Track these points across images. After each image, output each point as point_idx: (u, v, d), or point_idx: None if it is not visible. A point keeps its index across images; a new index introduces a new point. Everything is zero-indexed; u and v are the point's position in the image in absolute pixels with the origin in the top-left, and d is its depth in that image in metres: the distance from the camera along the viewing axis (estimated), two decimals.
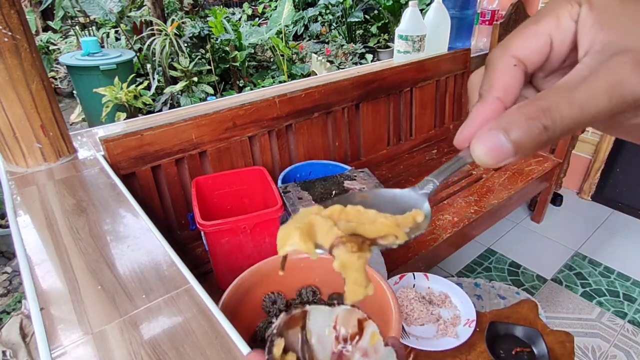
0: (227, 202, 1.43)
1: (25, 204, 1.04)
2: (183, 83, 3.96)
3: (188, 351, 0.66)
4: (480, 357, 1.04)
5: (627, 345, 1.73)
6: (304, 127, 1.71)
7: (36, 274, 0.81)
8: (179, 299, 0.75)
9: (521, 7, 2.26)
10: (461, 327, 1.08)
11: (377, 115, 1.96)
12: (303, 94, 1.63)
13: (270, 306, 1.02)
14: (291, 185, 1.34)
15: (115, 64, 3.90)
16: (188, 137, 1.41)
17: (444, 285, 1.21)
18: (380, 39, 5.41)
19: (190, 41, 4.25)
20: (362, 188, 1.31)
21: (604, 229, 2.43)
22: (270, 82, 4.59)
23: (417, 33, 1.98)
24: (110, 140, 1.26)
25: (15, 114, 1.13)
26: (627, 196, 2.53)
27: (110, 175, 1.17)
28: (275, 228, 1.23)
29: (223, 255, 1.22)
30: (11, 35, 1.07)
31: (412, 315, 1.12)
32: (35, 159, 1.21)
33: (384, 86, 1.90)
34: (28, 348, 1.64)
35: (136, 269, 0.82)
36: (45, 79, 1.18)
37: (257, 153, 1.62)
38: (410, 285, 1.22)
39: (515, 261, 2.19)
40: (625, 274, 2.10)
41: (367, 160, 2.00)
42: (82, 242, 0.90)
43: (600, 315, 1.87)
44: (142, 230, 0.94)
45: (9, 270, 2.35)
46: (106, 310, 0.73)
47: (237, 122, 1.49)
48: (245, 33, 4.73)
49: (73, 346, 0.67)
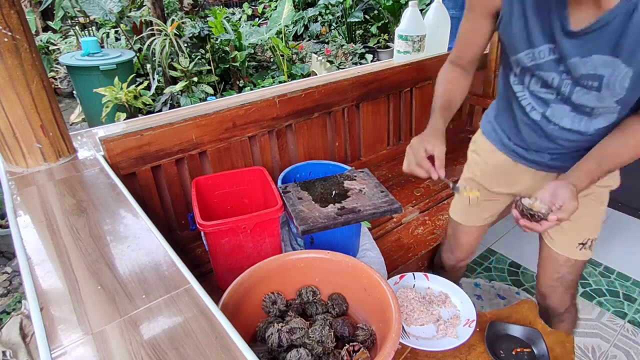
0: (227, 202, 1.43)
1: (25, 204, 1.04)
2: (183, 83, 3.96)
3: (188, 351, 0.66)
4: (480, 357, 1.04)
5: (627, 345, 1.73)
6: (304, 127, 1.71)
7: (36, 274, 0.81)
8: (179, 299, 0.75)
9: None
10: (461, 327, 1.08)
11: (377, 115, 1.96)
12: (303, 94, 1.63)
13: (270, 306, 1.02)
14: (291, 185, 1.34)
15: (115, 64, 3.90)
16: (188, 137, 1.41)
17: (444, 285, 1.21)
18: (380, 39, 5.41)
19: (190, 41, 4.25)
20: (362, 188, 1.31)
21: (604, 229, 2.42)
22: (270, 82, 4.59)
23: (417, 33, 1.98)
24: (110, 140, 1.26)
25: (15, 114, 1.13)
26: (627, 196, 2.53)
27: (110, 176, 1.17)
28: (275, 228, 1.23)
29: (223, 255, 1.22)
30: (11, 35, 1.07)
31: (412, 315, 1.11)
32: (35, 159, 1.21)
33: (384, 86, 1.90)
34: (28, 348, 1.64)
35: (136, 269, 0.82)
36: (45, 79, 1.18)
37: (257, 153, 1.62)
38: (410, 285, 1.22)
39: (515, 261, 2.19)
40: (625, 274, 2.10)
41: (367, 160, 2.00)
42: (82, 242, 0.90)
43: (600, 315, 1.87)
44: (142, 231, 0.94)
45: (9, 270, 2.35)
46: (106, 310, 0.73)
47: (237, 122, 1.49)
48: (245, 33, 4.72)
49: (73, 346, 0.67)
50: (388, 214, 1.22)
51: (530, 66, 0.92)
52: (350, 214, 1.19)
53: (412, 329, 1.09)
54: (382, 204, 1.23)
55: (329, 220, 1.15)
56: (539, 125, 0.99)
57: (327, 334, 0.91)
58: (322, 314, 1.01)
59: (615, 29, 0.76)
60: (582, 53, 0.82)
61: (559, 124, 0.96)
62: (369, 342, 0.95)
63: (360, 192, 1.29)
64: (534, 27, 0.86)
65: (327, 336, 0.91)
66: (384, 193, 1.28)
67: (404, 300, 1.15)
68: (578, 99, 0.90)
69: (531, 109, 0.99)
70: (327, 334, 0.91)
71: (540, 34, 0.85)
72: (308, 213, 1.18)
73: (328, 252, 1.04)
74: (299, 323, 0.93)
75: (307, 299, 1.04)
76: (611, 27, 0.76)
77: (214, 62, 4.36)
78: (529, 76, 0.95)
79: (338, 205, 1.23)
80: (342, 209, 1.21)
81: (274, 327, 0.91)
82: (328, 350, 0.91)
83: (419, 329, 1.10)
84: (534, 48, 0.88)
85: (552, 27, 0.83)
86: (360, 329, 0.97)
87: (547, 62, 0.88)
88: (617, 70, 0.80)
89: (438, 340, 1.06)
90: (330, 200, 1.25)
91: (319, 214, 1.18)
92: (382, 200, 1.25)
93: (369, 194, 1.28)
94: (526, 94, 0.98)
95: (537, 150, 1.06)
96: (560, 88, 0.91)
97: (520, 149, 1.10)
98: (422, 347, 1.02)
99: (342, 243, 1.38)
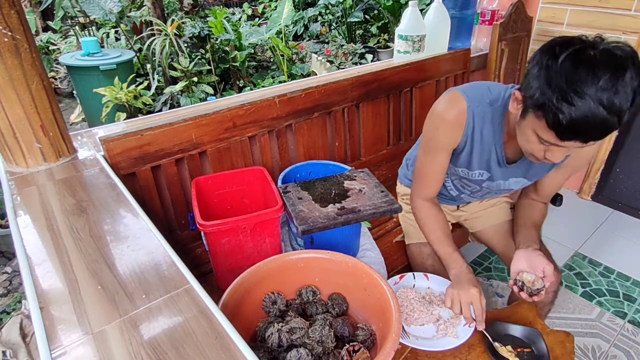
0: (227, 202, 1.43)
1: (25, 204, 1.04)
2: (183, 83, 3.96)
3: (188, 351, 0.66)
4: (480, 357, 1.04)
5: (627, 345, 1.73)
6: (304, 127, 1.71)
7: (36, 274, 0.81)
8: (179, 299, 0.75)
9: (521, 7, 2.26)
10: (461, 327, 1.08)
11: (377, 115, 1.96)
12: (303, 94, 1.63)
13: (270, 306, 1.02)
14: (291, 185, 1.34)
15: (115, 64, 3.90)
16: (188, 137, 1.41)
17: (444, 285, 1.21)
18: (380, 39, 5.41)
19: (190, 41, 4.25)
20: (362, 188, 1.31)
21: (604, 229, 2.43)
22: (270, 82, 4.59)
23: (417, 33, 1.98)
24: (110, 140, 1.26)
25: (15, 114, 1.13)
26: (627, 196, 2.53)
27: (110, 175, 1.17)
28: (275, 228, 1.23)
29: (223, 255, 1.22)
30: (11, 35, 1.07)
31: (412, 315, 1.11)
32: (35, 159, 1.21)
33: (384, 86, 1.90)
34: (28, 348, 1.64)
35: (136, 269, 0.82)
36: (45, 79, 1.18)
37: (257, 153, 1.62)
38: (410, 285, 1.22)
39: None
40: (625, 274, 2.10)
41: (367, 160, 2.00)
42: (82, 242, 0.90)
43: (600, 315, 1.87)
44: (142, 230, 0.94)
45: (9, 270, 2.35)
46: (106, 310, 0.73)
47: (237, 122, 1.49)
48: (245, 33, 4.72)
49: (73, 346, 0.67)
50: (388, 214, 1.22)
51: (461, 177, 1.26)
52: (350, 214, 1.19)
53: (412, 328, 1.09)
54: (382, 204, 1.23)
55: (329, 220, 1.15)
56: (452, 195, 1.40)
57: (327, 334, 0.91)
58: (322, 314, 1.01)
59: (529, 162, 1.12)
60: (505, 177, 1.19)
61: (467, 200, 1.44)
62: (369, 342, 0.95)
63: (360, 192, 1.29)
64: (475, 157, 1.16)
65: (327, 336, 0.91)
66: (384, 193, 1.28)
67: (404, 300, 1.15)
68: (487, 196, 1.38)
69: (450, 189, 1.37)
70: (327, 334, 0.91)
71: (478, 162, 1.17)
72: (308, 213, 1.19)
73: (328, 252, 1.04)
74: (299, 323, 0.93)
75: (307, 299, 1.04)
76: (527, 160, 1.12)
77: (214, 62, 4.36)
78: (457, 178, 1.29)
79: (338, 205, 1.23)
80: (342, 209, 1.21)
81: (274, 327, 0.91)
82: (328, 350, 0.91)
83: (419, 328, 1.10)
84: (472, 170, 1.20)
85: (489, 159, 1.15)
86: (360, 329, 0.97)
87: (475, 180, 1.23)
88: (522, 183, 1.21)
89: (438, 340, 1.06)
90: (330, 200, 1.25)
91: (319, 214, 1.18)
92: (382, 200, 1.25)
93: (369, 194, 1.28)
94: (449, 183, 1.35)
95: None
96: (477, 193, 1.32)
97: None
98: (422, 347, 1.02)
99: (342, 243, 1.38)
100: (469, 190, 1.32)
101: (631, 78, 0.78)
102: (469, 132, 1.11)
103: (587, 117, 0.80)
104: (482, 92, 1.10)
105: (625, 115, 0.80)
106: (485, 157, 1.15)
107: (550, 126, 0.85)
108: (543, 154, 0.94)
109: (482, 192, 1.31)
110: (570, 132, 0.84)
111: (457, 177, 1.28)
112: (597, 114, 0.79)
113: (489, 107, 1.08)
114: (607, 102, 0.78)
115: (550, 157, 0.93)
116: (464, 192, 1.35)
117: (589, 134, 0.83)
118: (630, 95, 0.79)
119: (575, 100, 0.79)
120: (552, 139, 0.87)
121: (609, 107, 0.78)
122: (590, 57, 0.80)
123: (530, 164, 1.13)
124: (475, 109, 1.09)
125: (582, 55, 0.80)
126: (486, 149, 1.13)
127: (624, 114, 0.80)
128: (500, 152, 1.13)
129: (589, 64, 0.79)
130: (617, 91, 0.78)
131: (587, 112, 0.79)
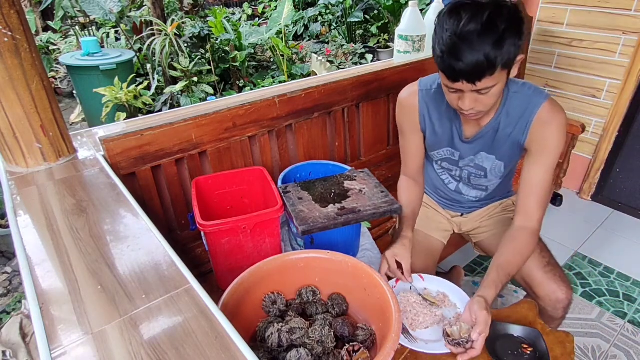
0: (227, 202, 1.43)
1: (25, 204, 1.04)
2: (183, 83, 3.96)
3: (188, 351, 0.66)
4: (480, 357, 1.04)
5: (627, 345, 1.73)
6: (304, 127, 1.71)
7: (36, 274, 0.81)
8: (179, 299, 0.75)
9: (521, 7, 2.26)
10: None
11: (377, 115, 1.96)
12: (303, 94, 1.63)
13: (270, 306, 1.02)
14: (291, 185, 1.34)
15: (115, 64, 3.90)
16: (188, 137, 1.41)
17: (440, 285, 1.21)
18: (380, 39, 5.41)
19: (190, 41, 4.25)
20: (362, 188, 1.31)
21: (604, 229, 2.43)
22: (270, 82, 4.59)
23: (417, 33, 1.98)
24: (110, 140, 1.26)
25: (15, 114, 1.13)
26: (627, 196, 2.53)
27: (110, 175, 1.17)
28: (275, 228, 1.23)
29: (223, 255, 1.22)
30: (11, 35, 1.07)
31: (417, 320, 1.10)
32: (35, 159, 1.21)
33: (384, 86, 1.90)
34: (28, 348, 1.64)
35: (136, 269, 0.82)
36: (45, 79, 1.18)
37: (257, 153, 1.62)
38: (407, 287, 1.21)
39: None
40: (625, 274, 2.10)
41: (367, 160, 2.00)
42: (82, 242, 0.90)
43: (600, 315, 1.87)
44: (142, 230, 0.94)
45: (9, 270, 2.35)
46: (106, 310, 0.73)
47: (237, 122, 1.49)
48: (245, 33, 4.72)
49: (73, 346, 0.67)
50: (388, 214, 1.22)
51: (441, 159, 1.32)
52: (351, 214, 1.19)
53: (418, 333, 1.08)
54: (382, 204, 1.23)
55: (329, 221, 1.15)
56: (451, 190, 1.42)
57: (327, 334, 0.91)
58: (322, 314, 1.01)
59: (490, 137, 1.18)
60: (473, 152, 1.23)
61: (467, 195, 1.41)
62: (369, 342, 0.95)
63: (361, 192, 1.29)
64: (439, 136, 1.24)
65: (327, 336, 0.91)
66: (384, 193, 1.28)
67: (407, 305, 1.14)
68: (479, 182, 1.34)
69: (449, 183, 1.41)
70: (327, 334, 0.91)
71: (443, 141, 1.25)
72: (308, 213, 1.19)
73: (328, 252, 1.04)
74: (299, 323, 0.93)
75: (307, 299, 1.04)
76: (487, 136, 1.18)
77: (214, 62, 4.36)
78: (438, 164, 1.36)
79: (338, 205, 1.23)
80: (342, 209, 1.21)
81: (274, 327, 0.91)
82: (328, 350, 0.91)
83: (425, 332, 1.09)
84: (441, 149, 1.27)
85: (452, 137, 1.23)
86: (360, 329, 0.97)
87: (450, 160, 1.30)
88: (492, 161, 1.23)
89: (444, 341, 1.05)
90: (331, 200, 1.25)
91: (319, 214, 1.18)
92: (382, 200, 1.25)
93: (369, 194, 1.28)
94: (445, 175, 1.39)
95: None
96: (466, 179, 1.34)
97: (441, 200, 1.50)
98: (430, 350, 1.01)
99: (342, 243, 1.38)
100: (457, 176, 1.36)
101: (493, 17, 0.88)
102: (424, 112, 1.23)
103: (452, 52, 0.90)
104: (437, 75, 1.20)
105: (492, 52, 0.88)
106: (447, 135, 1.24)
107: (441, 71, 0.97)
108: (457, 103, 1.03)
109: (467, 174, 1.32)
110: (451, 71, 0.93)
111: (438, 163, 1.36)
112: (461, 49, 0.89)
113: (442, 88, 1.11)
114: (469, 37, 0.88)
115: (462, 105, 1.02)
116: (458, 181, 1.38)
117: (465, 72, 0.92)
118: (494, 35, 0.87)
119: (444, 40, 0.91)
120: (449, 83, 0.98)
121: (469, 42, 0.88)
122: (459, 6, 0.92)
123: (491, 138, 1.18)
124: (427, 91, 1.22)
125: (455, 6, 0.93)
126: (447, 128, 1.23)
127: (489, 50, 0.88)
128: (459, 128, 1.21)
129: (457, 10, 0.91)
130: (480, 30, 0.87)
131: (451, 48, 0.90)
